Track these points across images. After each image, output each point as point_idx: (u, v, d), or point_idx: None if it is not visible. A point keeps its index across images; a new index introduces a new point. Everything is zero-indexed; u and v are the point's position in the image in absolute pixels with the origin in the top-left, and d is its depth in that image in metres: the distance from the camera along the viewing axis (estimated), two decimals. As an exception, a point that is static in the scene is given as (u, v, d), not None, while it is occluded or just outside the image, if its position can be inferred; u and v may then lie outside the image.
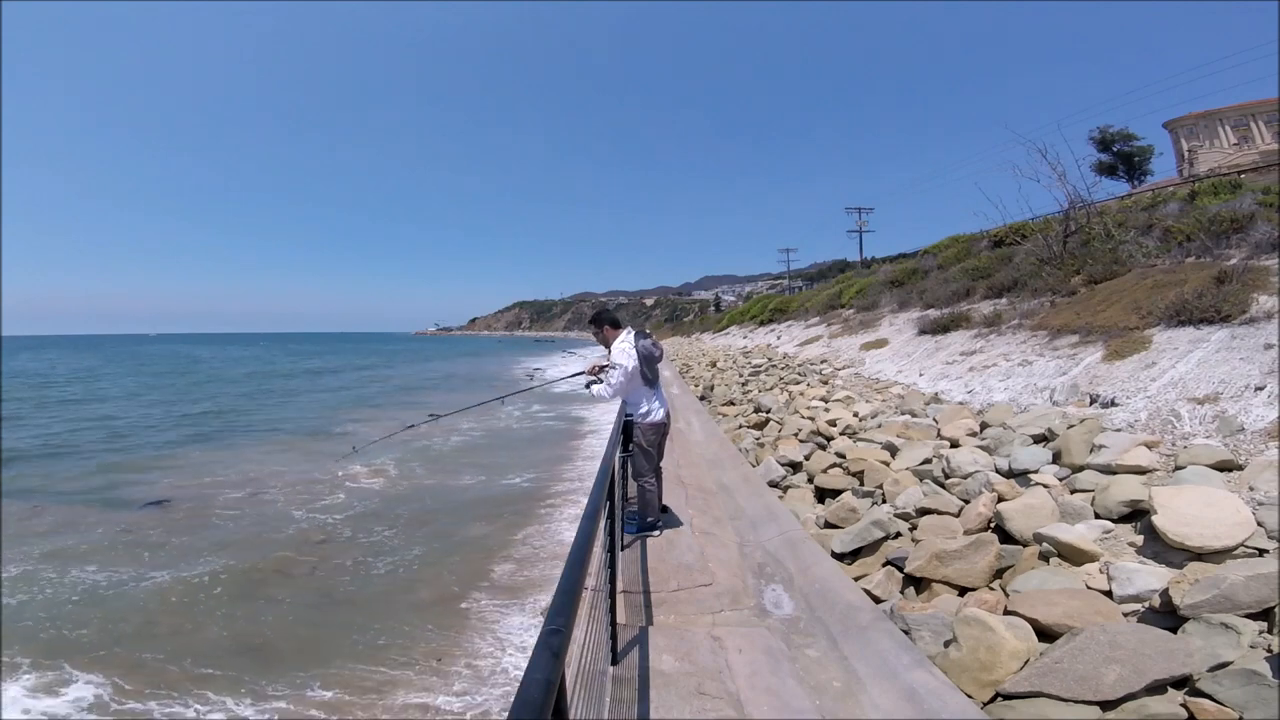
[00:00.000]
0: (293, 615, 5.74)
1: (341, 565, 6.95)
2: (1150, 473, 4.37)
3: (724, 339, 34.95)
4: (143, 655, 5.03)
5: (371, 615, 5.64)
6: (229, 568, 6.78)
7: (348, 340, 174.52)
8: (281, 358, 63.79)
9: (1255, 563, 3.02)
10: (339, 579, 6.57)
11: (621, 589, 3.33)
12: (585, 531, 1.62)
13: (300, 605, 5.93)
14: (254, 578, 6.57)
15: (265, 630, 5.45)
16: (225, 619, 5.66)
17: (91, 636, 5.36)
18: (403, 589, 6.24)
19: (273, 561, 7.02)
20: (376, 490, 10.24)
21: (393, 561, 7.00)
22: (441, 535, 7.84)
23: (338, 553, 7.34)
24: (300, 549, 7.44)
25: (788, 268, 61.39)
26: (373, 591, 6.23)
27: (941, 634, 3.08)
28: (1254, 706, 2.32)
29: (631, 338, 4.37)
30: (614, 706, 2.42)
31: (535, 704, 0.80)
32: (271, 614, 5.74)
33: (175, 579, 6.51)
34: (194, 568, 6.82)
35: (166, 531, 8.14)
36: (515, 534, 7.56)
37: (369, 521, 8.49)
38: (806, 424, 8.11)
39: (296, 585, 6.43)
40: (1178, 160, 32.49)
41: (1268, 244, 7.68)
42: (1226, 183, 12.32)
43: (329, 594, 6.21)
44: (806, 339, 19.19)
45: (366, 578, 6.58)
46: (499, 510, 8.71)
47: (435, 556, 7.08)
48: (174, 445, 14.80)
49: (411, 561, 6.98)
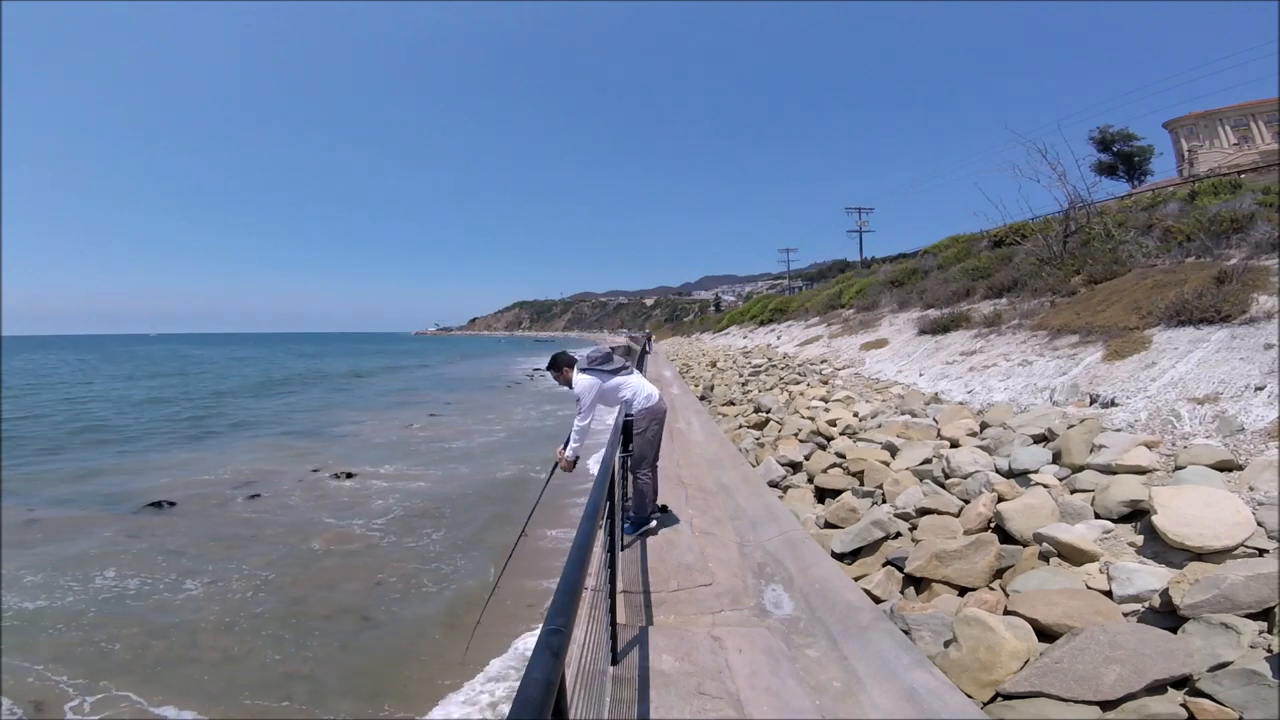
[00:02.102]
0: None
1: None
2: (1150, 473, 4.37)
3: (724, 339, 34.94)
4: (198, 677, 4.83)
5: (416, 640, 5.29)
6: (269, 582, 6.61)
7: (352, 340, 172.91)
8: (321, 360, 58.17)
9: (1255, 563, 3.02)
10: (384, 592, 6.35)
11: (621, 589, 3.33)
12: (585, 532, 1.62)
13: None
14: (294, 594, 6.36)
15: (307, 661, 5.10)
16: (271, 642, 5.37)
17: (131, 655, 5.16)
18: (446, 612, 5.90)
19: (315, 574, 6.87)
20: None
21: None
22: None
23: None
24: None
25: (788, 268, 61.42)
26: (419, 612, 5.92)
27: (941, 634, 3.08)
28: (1254, 706, 2.32)
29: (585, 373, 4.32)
30: (614, 706, 2.42)
31: (535, 704, 0.80)
32: (315, 642, 5.37)
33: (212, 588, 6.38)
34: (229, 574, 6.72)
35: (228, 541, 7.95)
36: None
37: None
38: (806, 424, 8.11)
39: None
40: (1178, 160, 32.48)
41: (1268, 244, 7.68)
42: (1226, 183, 12.32)
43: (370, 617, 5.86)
44: (806, 339, 19.19)
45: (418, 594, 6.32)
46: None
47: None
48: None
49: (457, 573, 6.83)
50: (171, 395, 27.01)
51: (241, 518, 8.90)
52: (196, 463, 12.68)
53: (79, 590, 6.41)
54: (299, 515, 8.95)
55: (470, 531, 8.18)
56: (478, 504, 9.41)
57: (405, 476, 11.21)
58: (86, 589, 6.45)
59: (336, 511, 9.10)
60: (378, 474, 11.38)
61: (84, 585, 6.53)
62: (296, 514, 9.02)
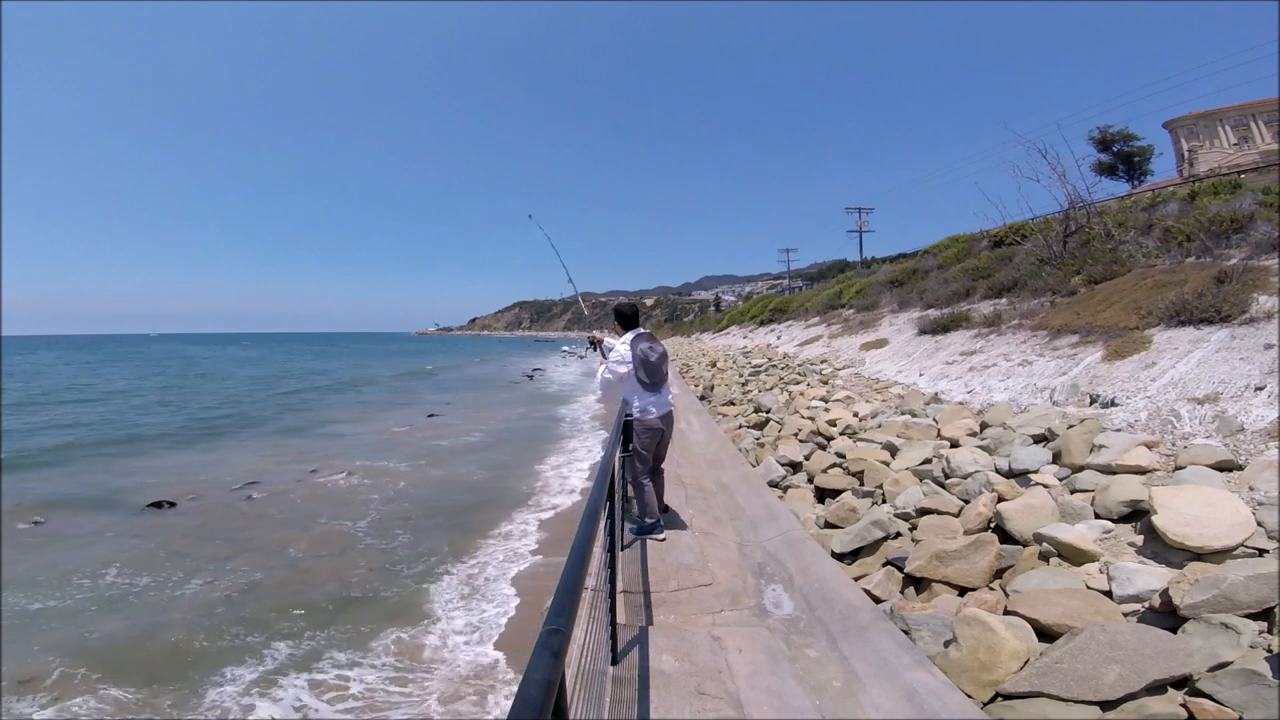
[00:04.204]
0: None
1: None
2: (1150, 473, 4.37)
3: (724, 339, 34.94)
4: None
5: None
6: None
7: (356, 341, 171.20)
8: (338, 365, 52.02)
9: (1255, 563, 3.02)
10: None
11: (621, 589, 3.33)
12: (585, 531, 1.62)
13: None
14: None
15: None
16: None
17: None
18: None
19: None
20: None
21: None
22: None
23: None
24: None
25: (788, 268, 61.41)
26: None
27: (941, 634, 3.08)
28: (1254, 706, 2.32)
29: (630, 340, 4.30)
30: (614, 706, 2.42)
31: (535, 704, 0.80)
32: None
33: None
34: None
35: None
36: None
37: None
38: (806, 424, 8.11)
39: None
40: (1178, 160, 32.49)
41: (1268, 244, 7.67)
42: (1226, 183, 12.31)
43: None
44: (806, 339, 19.19)
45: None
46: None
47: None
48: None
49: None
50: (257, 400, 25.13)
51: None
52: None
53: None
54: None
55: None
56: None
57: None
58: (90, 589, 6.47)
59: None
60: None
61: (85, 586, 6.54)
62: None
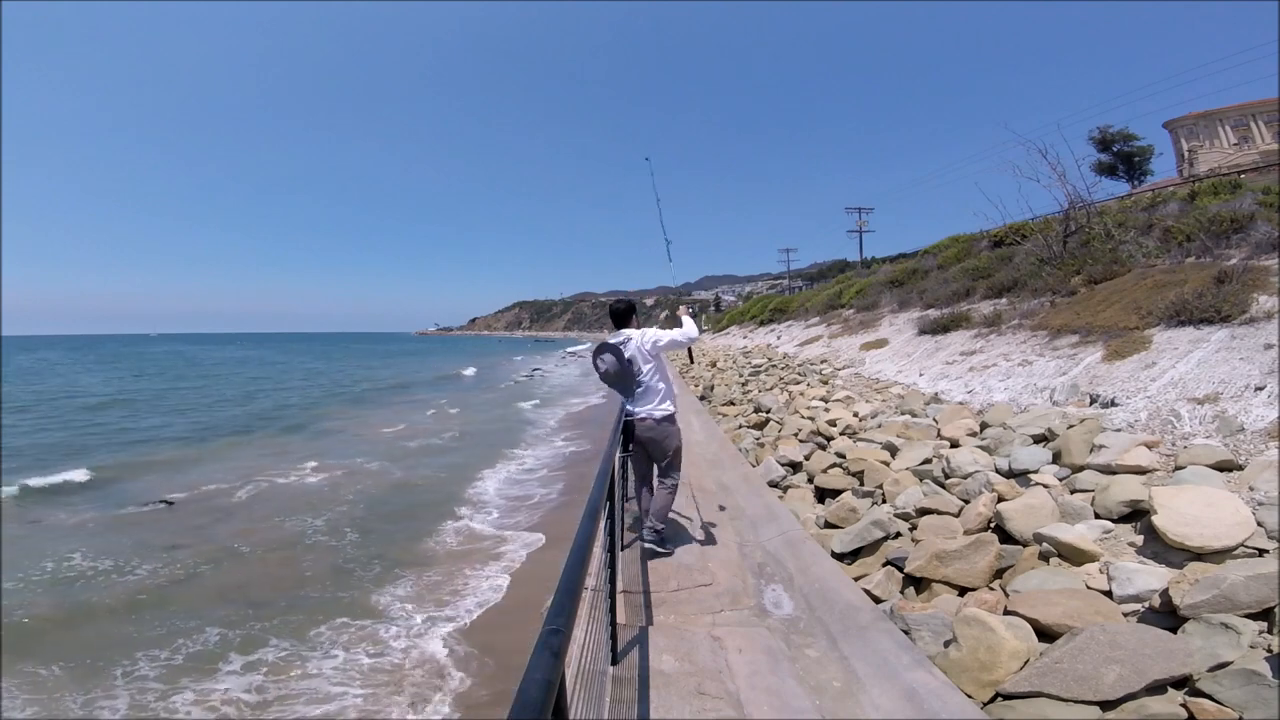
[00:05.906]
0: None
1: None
2: (1150, 473, 4.37)
3: (724, 339, 34.94)
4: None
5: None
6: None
7: (358, 341, 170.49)
8: (350, 368, 48.42)
9: (1255, 563, 3.02)
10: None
11: (621, 589, 3.33)
12: (585, 531, 1.62)
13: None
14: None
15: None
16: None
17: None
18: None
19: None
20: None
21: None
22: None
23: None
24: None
25: (788, 268, 61.41)
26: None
27: (941, 634, 3.08)
28: (1254, 706, 2.32)
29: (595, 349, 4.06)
30: (614, 706, 2.42)
31: (535, 704, 0.79)
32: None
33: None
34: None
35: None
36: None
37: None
38: (806, 424, 8.11)
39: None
40: (1178, 160, 32.49)
41: (1268, 244, 7.67)
42: (1226, 183, 12.31)
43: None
44: (806, 339, 19.19)
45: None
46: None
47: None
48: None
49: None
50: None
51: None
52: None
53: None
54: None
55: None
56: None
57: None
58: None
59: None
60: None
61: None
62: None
